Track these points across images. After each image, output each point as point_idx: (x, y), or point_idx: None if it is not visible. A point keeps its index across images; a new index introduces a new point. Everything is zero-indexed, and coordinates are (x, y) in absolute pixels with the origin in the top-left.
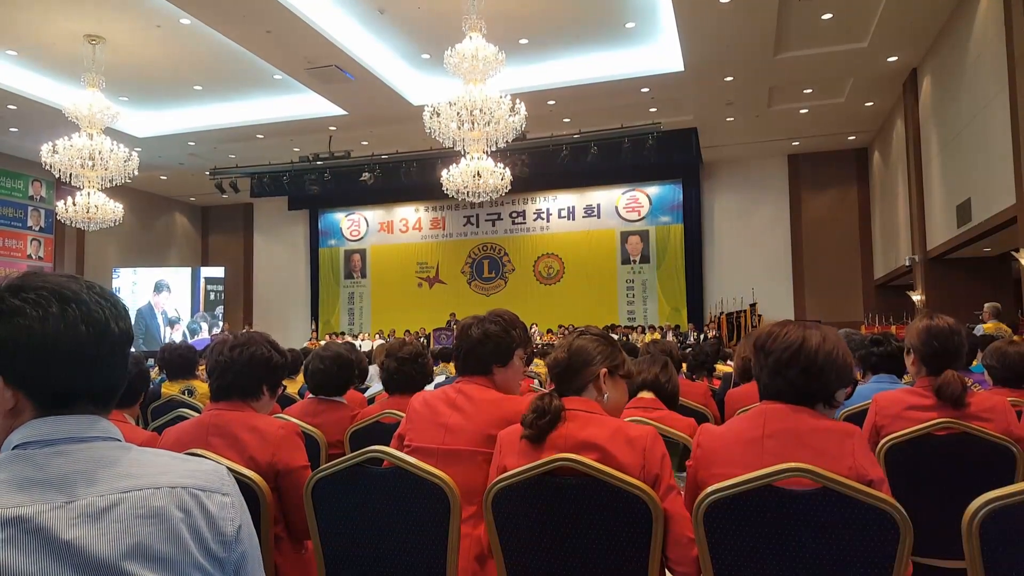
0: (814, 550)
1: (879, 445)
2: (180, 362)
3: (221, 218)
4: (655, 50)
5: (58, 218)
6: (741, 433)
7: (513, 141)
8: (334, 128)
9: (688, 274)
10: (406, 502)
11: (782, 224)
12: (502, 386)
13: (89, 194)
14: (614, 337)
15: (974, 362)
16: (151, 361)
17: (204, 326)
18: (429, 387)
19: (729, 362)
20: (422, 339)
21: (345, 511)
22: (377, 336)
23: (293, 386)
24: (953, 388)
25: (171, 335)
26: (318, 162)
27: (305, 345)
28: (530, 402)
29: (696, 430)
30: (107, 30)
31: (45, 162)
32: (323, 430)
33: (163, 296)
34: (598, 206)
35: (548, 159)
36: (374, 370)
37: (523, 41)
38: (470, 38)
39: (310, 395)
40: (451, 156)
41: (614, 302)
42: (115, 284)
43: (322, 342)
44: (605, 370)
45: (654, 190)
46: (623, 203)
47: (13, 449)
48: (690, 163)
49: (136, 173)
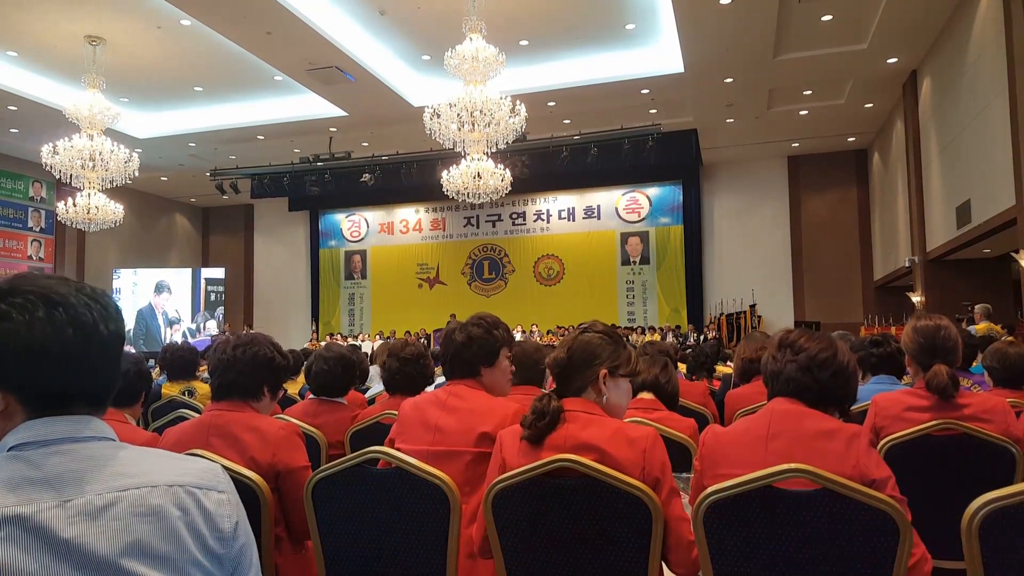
0: (813, 551)
1: (879, 446)
2: (181, 363)
3: (222, 219)
4: (655, 51)
5: (58, 219)
6: (747, 433)
7: (513, 142)
8: (334, 129)
9: (688, 275)
10: (406, 502)
11: (782, 225)
12: (491, 387)
13: (89, 195)
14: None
15: (974, 363)
16: (152, 362)
17: (211, 324)
18: (429, 388)
19: (729, 363)
20: (422, 340)
21: (345, 511)
22: (377, 337)
23: (293, 387)
24: (939, 380)
25: (172, 336)
26: (318, 163)
27: (305, 346)
28: (530, 403)
29: (695, 430)
30: (108, 31)
31: (46, 163)
32: (324, 431)
33: (164, 297)
34: (598, 207)
35: (548, 160)
36: (375, 371)
37: (523, 42)
38: (470, 39)
39: (311, 396)
40: (451, 157)
41: (614, 303)
42: (115, 285)
43: (322, 343)
44: (605, 371)
45: (654, 191)
46: (623, 204)
47: (8, 451)
48: (690, 164)
49: (136, 174)
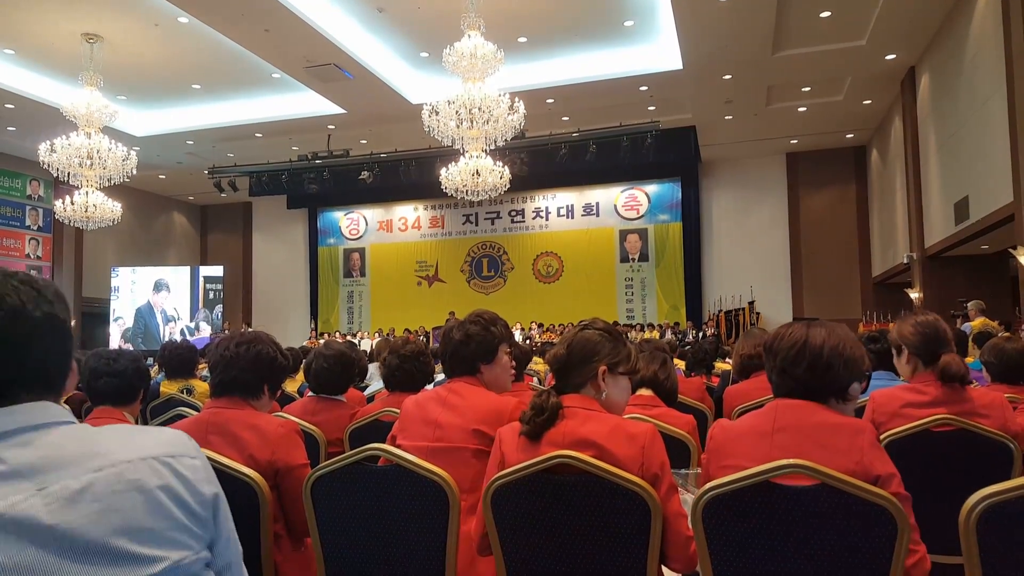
0: (812, 546)
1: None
2: (179, 361)
3: (220, 217)
4: (654, 49)
5: (56, 217)
6: (753, 427)
7: (512, 139)
8: (333, 127)
9: (687, 272)
10: (405, 499)
11: (780, 222)
12: (492, 383)
13: (87, 193)
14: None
15: (969, 359)
16: (151, 360)
17: (204, 324)
18: (429, 386)
19: (728, 359)
20: (421, 337)
21: (344, 509)
22: (376, 335)
23: (292, 384)
24: (957, 367)
25: (170, 334)
26: (317, 161)
27: (304, 344)
28: (530, 399)
29: (694, 427)
30: (105, 29)
31: (43, 161)
32: (323, 428)
33: (162, 295)
34: (597, 204)
35: (547, 157)
36: (374, 368)
37: (522, 39)
38: (469, 36)
39: (310, 393)
40: (450, 155)
41: (613, 300)
42: (114, 283)
43: (321, 341)
44: (604, 368)
45: (653, 188)
46: (622, 201)
47: None
48: (689, 161)
49: (134, 172)
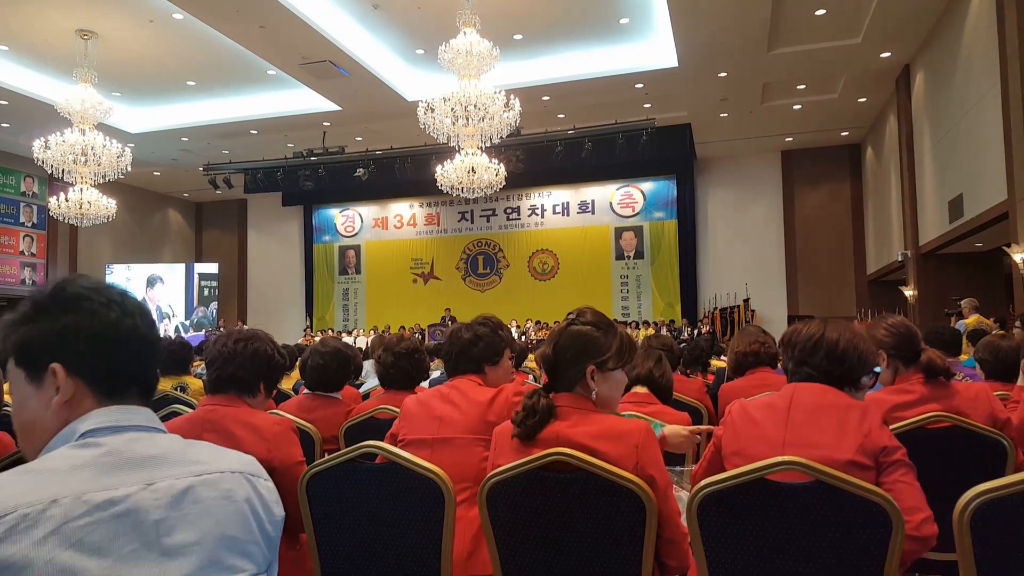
0: (807, 543)
1: None
2: (174, 358)
3: (215, 214)
4: (649, 46)
5: (51, 214)
6: (770, 403)
7: (507, 137)
8: (328, 124)
9: (682, 269)
10: (400, 496)
11: (775, 220)
12: (493, 384)
13: (82, 190)
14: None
15: (963, 356)
16: None
17: (195, 320)
18: (424, 384)
19: (723, 357)
20: (417, 335)
21: (339, 506)
22: (372, 332)
23: (287, 382)
24: (941, 361)
25: (165, 330)
26: (312, 158)
27: (299, 341)
28: (521, 399)
29: (689, 424)
30: (100, 25)
31: (37, 158)
32: (318, 426)
33: (156, 290)
34: (592, 202)
35: (542, 155)
36: (369, 365)
37: (517, 37)
38: (464, 33)
39: (305, 390)
40: (445, 152)
41: (608, 298)
42: (108, 280)
43: (316, 338)
44: (593, 367)
45: (648, 186)
46: (617, 199)
47: (81, 436)
48: (684, 159)
49: (129, 169)
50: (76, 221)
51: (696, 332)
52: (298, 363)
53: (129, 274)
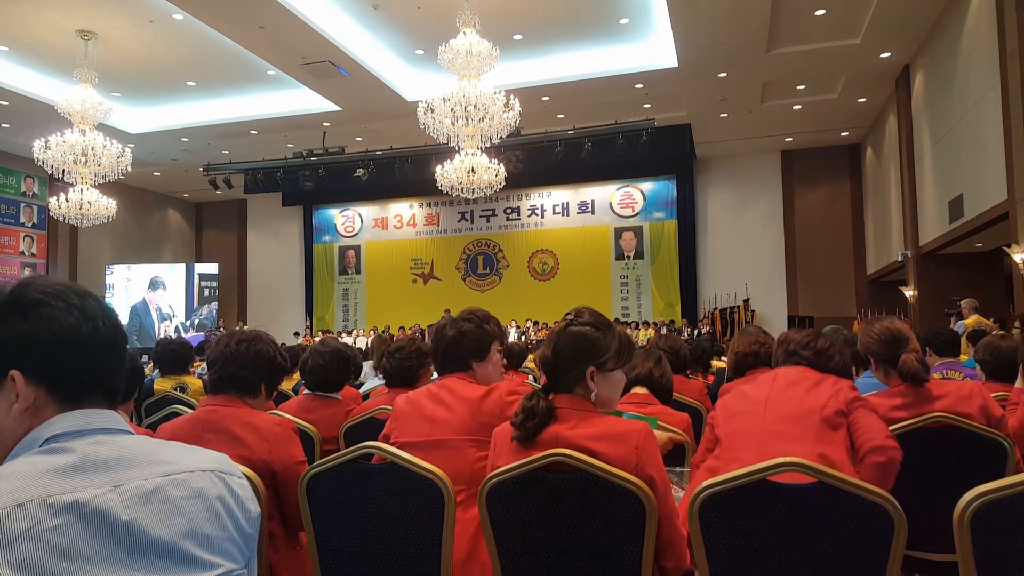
0: (809, 545)
1: None
2: (174, 357)
3: (215, 214)
4: (649, 46)
5: (51, 214)
6: (758, 380)
7: (507, 137)
8: (328, 124)
9: (682, 270)
10: (400, 497)
11: (775, 220)
12: (483, 380)
13: (82, 190)
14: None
15: (963, 356)
16: (145, 358)
17: (197, 321)
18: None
19: (723, 357)
20: (417, 335)
21: (339, 507)
22: (372, 332)
23: (288, 383)
24: (910, 365)
25: (165, 331)
26: (312, 158)
27: (299, 342)
28: (515, 399)
29: (689, 425)
30: (100, 25)
31: (38, 158)
32: (318, 426)
33: (158, 293)
34: (592, 202)
35: (542, 155)
36: (368, 366)
37: (517, 37)
38: (464, 34)
39: (305, 391)
40: (445, 152)
41: (608, 298)
42: (108, 280)
43: (316, 338)
44: (592, 368)
45: (648, 186)
46: (617, 199)
47: (45, 443)
48: (684, 159)
49: (129, 169)
50: (76, 221)
51: (696, 332)
52: (299, 363)
53: (129, 274)
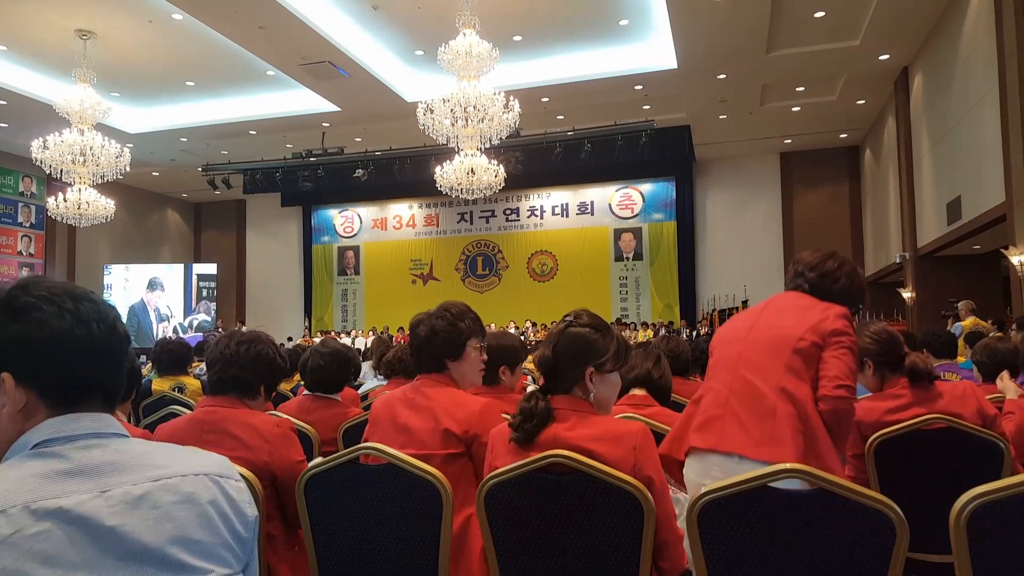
0: (809, 551)
1: (867, 442)
2: (172, 357)
3: (214, 214)
4: (649, 47)
5: (49, 214)
6: (750, 307)
7: (507, 138)
8: (327, 124)
9: (681, 271)
10: (398, 498)
11: (774, 221)
12: (460, 380)
13: (80, 190)
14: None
15: (960, 358)
16: (143, 358)
17: (195, 322)
18: None
19: None
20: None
21: (337, 507)
22: (371, 333)
23: (287, 384)
24: (924, 364)
25: (163, 332)
26: (311, 158)
27: (298, 342)
28: (518, 402)
29: None
30: (99, 25)
31: (36, 158)
32: (317, 427)
33: (156, 294)
34: (591, 203)
35: (542, 156)
36: (367, 367)
37: (517, 38)
38: (464, 35)
39: (304, 392)
40: (445, 153)
41: (607, 299)
42: (107, 280)
43: (315, 339)
44: (592, 369)
45: (647, 187)
46: (616, 200)
47: (35, 447)
48: (683, 160)
49: (128, 169)
50: (74, 221)
51: (695, 333)
52: (299, 363)
53: (127, 275)
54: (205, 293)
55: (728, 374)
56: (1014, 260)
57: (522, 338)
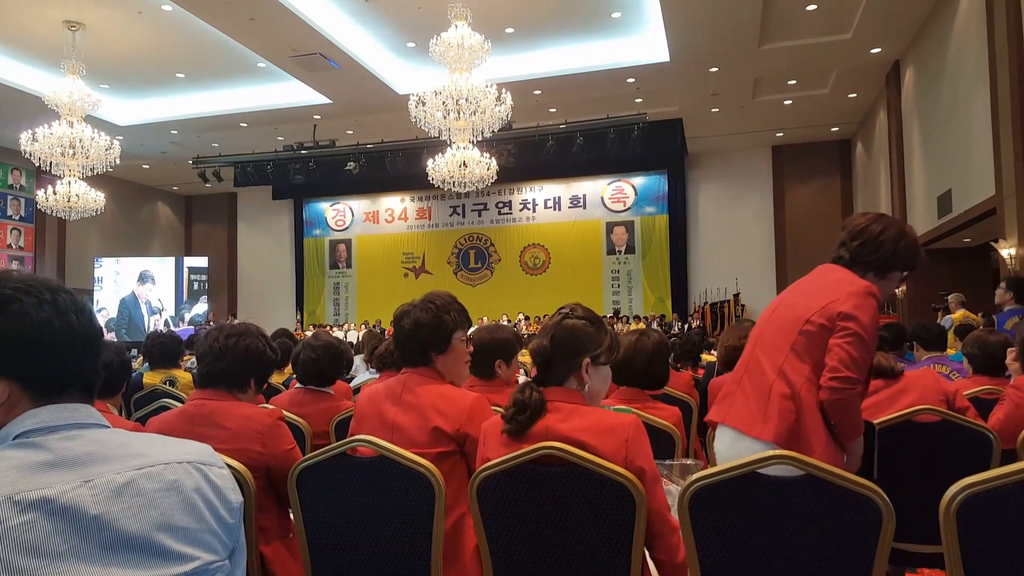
0: (798, 537)
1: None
2: (163, 351)
3: (205, 207)
4: (641, 40)
5: (38, 207)
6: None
7: (499, 131)
8: (319, 117)
9: (673, 264)
10: (390, 490)
11: (766, 215)
12: (446, 373)
13: (70, 183)
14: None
15: (950, 351)
16: (135, 351)
17: (187, 316)
18: None
19: (713, 352)
20: None
21: (330, 499)
22: (363, 327)
23: (278, 377)
24: (887, 363)
25: (154, 325)
26: (303, 151)
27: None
28: (511, 394)
29: (679, 419)
30: (87, 16)
31: (25, 150)
32: (309, 420)
33: (147, 287)
34: (584, 196)
35: (534, 149)
36: (359, 360)
37: (509, 30)
38: (456, 27)
39: (296, 385)
40: (437, 146)
41: (599, 292)
42: (97, 274)
43: (307, 332)
44: (588, 360)
45: (639, 181)
46: (608, 193)
47: (16, 438)
48: (675, 154)
49: (118, 162)
50: (64, 214)
51: (686, 327)
52: (291, 357)
53: (118, 268)
54: (196, 286)
55: (747, 351)
56: (1004, 253)
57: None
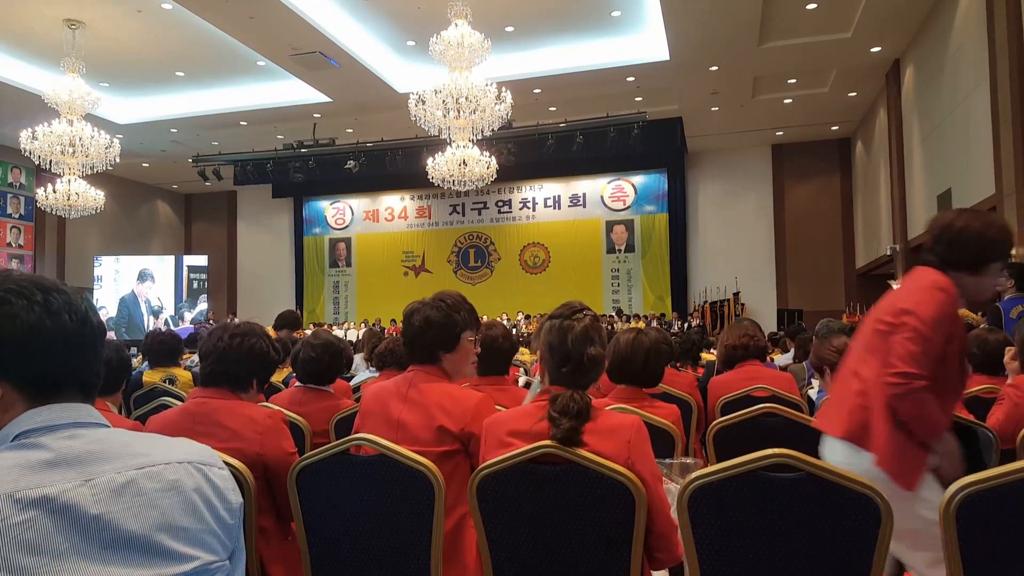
0: (797, 535)
1: None
2: (163, 349)
3: (204, 206)
4: (641, 39)
5: (38, 205)
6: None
7: (499, 129)
8: (318, 115)
9: (672, 263)
10: (390, 489)
11: (766, 213)
12: (453, 372)
13: (69, 181)
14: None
15: None
16: (134, 350)
17: (187, 315)
18: None
19: (712, 350)
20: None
21: (329, 498)
22: (363, 325)
23: (278, 375)
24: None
25: (154, 324)
26: (302, 150)
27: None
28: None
29: (679, 417)
30: (87, 15)
31: (24, 148)
32: (309, 419)
33: (147, 285)
34: (583, 195)
35: (534, 148)
36: (359, 359)
37: (509, 29)
38: (456, 25)
39: (296, 383)
40: (437, 144)
41: (599, 291)
42: (97, 272)
43: (307, 331)
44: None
45: (639, 179)
46: (608, 192)
47: (15, 438)
48: (675, 152)
49: (117, 160)
50: (64, 213)
51: (686, 325)
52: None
53: (118, 266)
54: (196, 285)
55: (845, 359)
56: None
57: (514, 330)
